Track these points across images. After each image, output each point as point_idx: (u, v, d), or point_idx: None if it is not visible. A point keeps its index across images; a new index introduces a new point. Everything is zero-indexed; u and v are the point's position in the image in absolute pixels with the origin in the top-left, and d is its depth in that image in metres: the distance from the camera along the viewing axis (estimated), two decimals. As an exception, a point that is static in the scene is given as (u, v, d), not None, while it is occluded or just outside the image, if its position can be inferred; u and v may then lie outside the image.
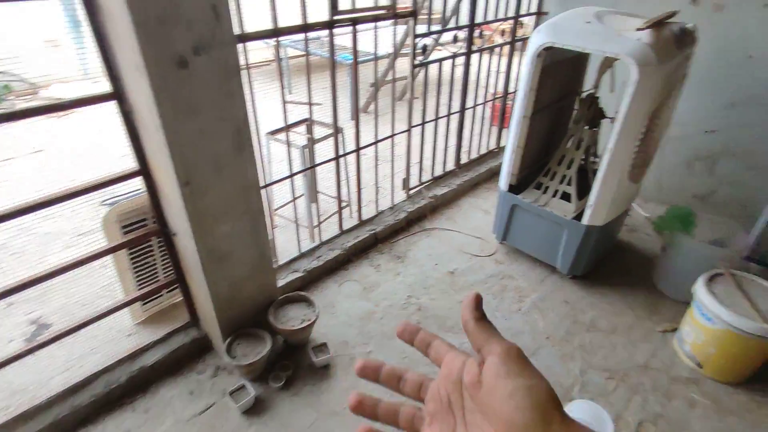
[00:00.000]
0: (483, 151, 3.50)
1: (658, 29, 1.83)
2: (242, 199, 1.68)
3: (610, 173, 2.01)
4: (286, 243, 2.51)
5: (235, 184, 1.63)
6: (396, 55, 4.20)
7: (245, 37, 1.61)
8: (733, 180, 2.70)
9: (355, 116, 2.32)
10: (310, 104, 2.19)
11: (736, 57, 2.46)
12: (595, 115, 2.31)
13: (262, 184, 1.98)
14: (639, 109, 1.85)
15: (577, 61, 2.55)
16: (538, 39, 2.03)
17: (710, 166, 2.76)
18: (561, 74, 2.44)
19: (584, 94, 2.40)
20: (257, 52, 5.38)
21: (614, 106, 1.97)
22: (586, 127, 2.32)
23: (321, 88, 2.19)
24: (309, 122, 2.55)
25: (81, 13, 1.29)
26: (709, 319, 1.83)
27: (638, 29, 1.81)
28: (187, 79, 1.34)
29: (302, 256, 2.40)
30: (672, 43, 1.84)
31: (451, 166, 3.27)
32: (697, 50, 2.12)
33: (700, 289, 1.88)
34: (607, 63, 2.23)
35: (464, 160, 3.34)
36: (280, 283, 2.19)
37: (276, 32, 1.73)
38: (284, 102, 2.01)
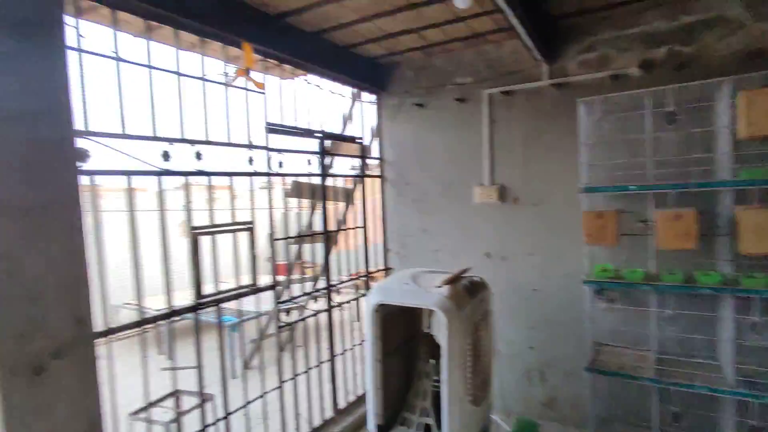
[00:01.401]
0: (361, 391, 3.68)
1: (453, 284, 2.49)
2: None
3: (452, 402, 2.33)
4: None
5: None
6: (272, 316, 4.61)
7: (108, 332, 1.84)
8: (560, 386, 3.20)
9: (223, 381, 2.46)
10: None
11: (525, 291, 3.29)
12: (434, 349, 2.76)
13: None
14: (455, 343, 2.33)
15: (412, 308, 3.15)
16: (372, 299, 2.58)
17: (542, 376, 3.27)
18: (403, 320, 2.96)
19: (424, 333, 2.90)
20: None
21: (440, 344, 2.44)
22: (432, 361, 2.73)
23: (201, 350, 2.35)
24: (176, 395, 2.59)
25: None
26: None
27: (437, 286, 2.45)
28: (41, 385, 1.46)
29: None
30: (465, 293, 2.49)
31: (329, 413, 3.34)
32: (500, 288, 2.83)
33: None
34: (429, 310, 2.82)
35: (342, 404, 3.45)
36: None
37: (140, 323, 1.98)
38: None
